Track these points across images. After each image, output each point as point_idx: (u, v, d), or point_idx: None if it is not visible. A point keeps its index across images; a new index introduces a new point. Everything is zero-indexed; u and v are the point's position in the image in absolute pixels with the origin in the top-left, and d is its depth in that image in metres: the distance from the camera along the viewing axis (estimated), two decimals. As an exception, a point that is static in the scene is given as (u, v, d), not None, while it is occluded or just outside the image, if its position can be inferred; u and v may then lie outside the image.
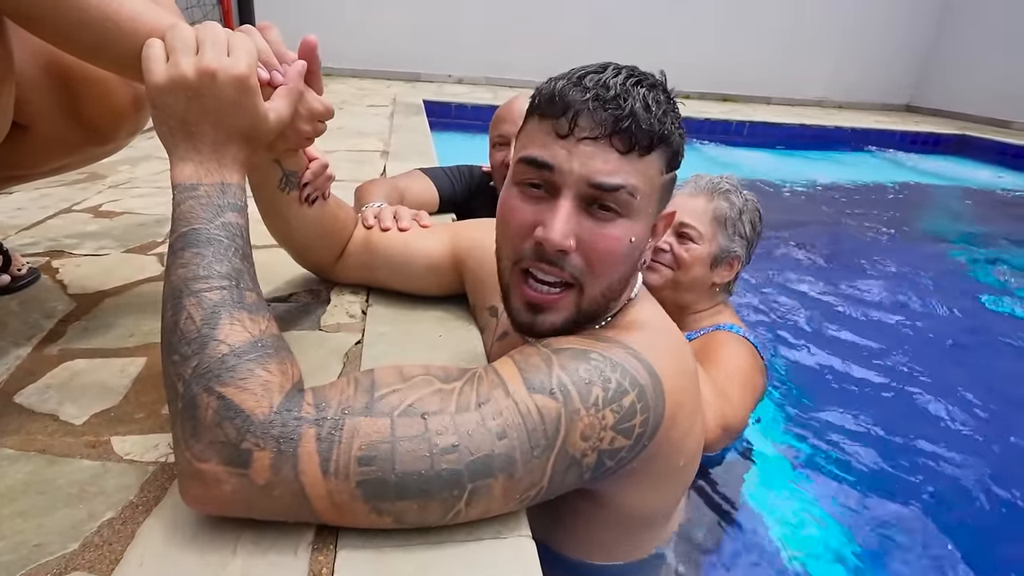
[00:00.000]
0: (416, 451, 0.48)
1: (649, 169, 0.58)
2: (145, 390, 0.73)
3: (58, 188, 1.54)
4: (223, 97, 0.54)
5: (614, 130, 0.56)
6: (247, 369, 0.47)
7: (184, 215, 0.53)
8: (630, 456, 0.57)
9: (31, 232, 1.23)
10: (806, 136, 5.00)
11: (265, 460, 0.45)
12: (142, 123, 0.86)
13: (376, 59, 5.55)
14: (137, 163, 1.89)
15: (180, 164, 0.55)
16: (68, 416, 0.67)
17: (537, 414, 0.52)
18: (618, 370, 0.56)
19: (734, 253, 1.25)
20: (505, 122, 1.46)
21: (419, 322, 0.92)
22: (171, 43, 0.53)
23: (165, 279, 0.52)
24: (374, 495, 0.47)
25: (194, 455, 0.46)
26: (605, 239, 0.58)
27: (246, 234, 0.56)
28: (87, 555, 0.50)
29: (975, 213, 3.60)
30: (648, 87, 0.58)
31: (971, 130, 5.58)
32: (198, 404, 0.46)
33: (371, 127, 2.89)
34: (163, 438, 0.64)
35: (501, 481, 0.50)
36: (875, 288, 2.20)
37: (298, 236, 0.88)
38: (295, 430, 0.46)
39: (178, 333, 0.49)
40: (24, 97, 0.71)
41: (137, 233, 1.27)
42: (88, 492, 0.56)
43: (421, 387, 0.52)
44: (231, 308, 0.50)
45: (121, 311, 0.92)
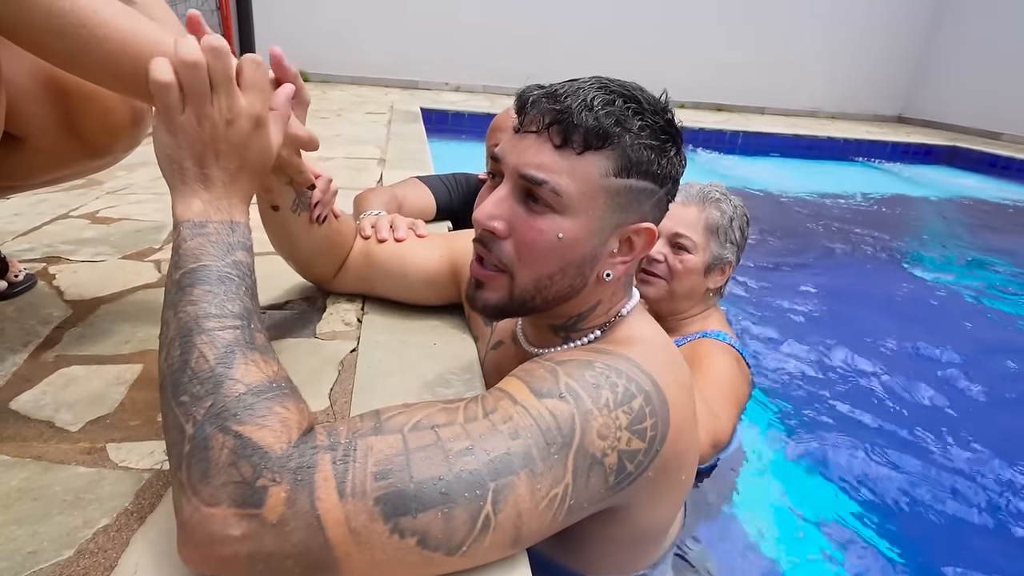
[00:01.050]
0: (431, 458, 0.46)
1: (586, 168, 0.58)
2: (141, 397, 0.73)
3: (55, 194, 1.54)
4: (238, 139, 0.54)
5: (551, 122, 0.58)
6: (266, 407, 0.46)
7: (192, 251, 0.52)
8: (647, 461, 0.57)
9: (28, 238, 1.24)
10: (799, 146, 5.05)
11: (280, 494, 0.42)
12: (139, 138, 0.86)
13: (374, 67, 5.58)
14: (135, 169, 1.89)
15: (187, 200, 0.54)
16: (64, 423, 0.67)
17: (549, 416, 0.51)
18: (623, 376, 0.57)
19: (726, 259, 1.27)
20: (500, 131, 1.47)
21: (414, 331, 0.93)
22: (189, 88, 0.52)
23: (170, 315, 0.50)
24: (394, 511, 0.44)
25: (202, 500, 0.42)
26: (530, 230, 0.60)
27: (253, 273, 0.56)
28: (82, 562, 0.50)
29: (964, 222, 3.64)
30: (608, 92, 0.58)
31: (962, 141, 5.65)
32: (211, 445, 0.43)
33: (368, 134, 2.90)
34: (158, 445, 0.65)
35: (524, 478, 0.48)
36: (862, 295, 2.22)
37: (304, 253, 0.89)
38: (311, 458, 0.44)
39: (188, 372, 0.46)
40: (21, 110, 0.71)
41: (134, 239, 1.27)
42: (83, 499, 0.56)
43: (426, 407, 0.52)
44: (245, 348, 0.49)
45: (117, 318, 0.92)
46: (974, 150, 5.32)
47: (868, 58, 6.79)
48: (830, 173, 4.65)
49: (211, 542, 0.42)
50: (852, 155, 5.18)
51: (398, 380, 0.78)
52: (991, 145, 5.55)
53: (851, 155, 5.18)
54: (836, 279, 2.41)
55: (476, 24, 5.68)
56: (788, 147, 5.01)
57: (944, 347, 1.81)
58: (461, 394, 0.77)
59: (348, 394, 0.75)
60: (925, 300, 2.30)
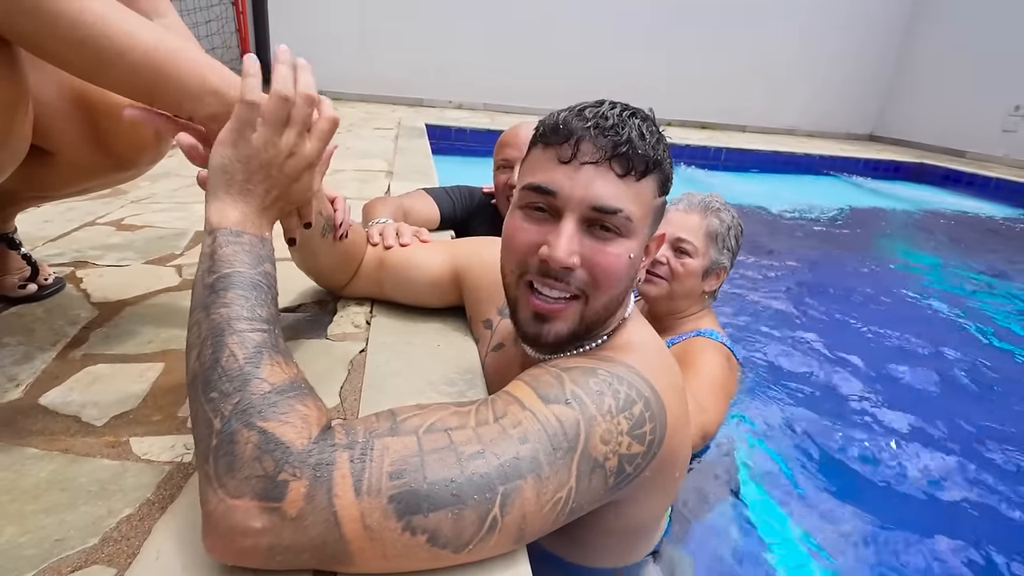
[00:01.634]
0: (444, 460, 0.46)
1: (644, 193, 0.60)
2: (163, 394, 0.73)
3: (83, 203, 1.54)
4: (289, 173, 0.58)
5: (613, 154, 0.57)
6: (288, 405, 0.46)
7: (227, 257, 0.53)
8: (644, 463, 0.57)
9: (57, 243, 1.23)
10: (778, 162, 5.07)
11: (300, 489, 0.42)
12: (163, 152, 0.86)
13: (383, 85, 5.59)
14: (157, 180, 1.89)
15: (226, 209, 0.56)
16: (90, 418, 0.67)
17: (556, 421, 0.51)
18: (624, 383, 0.57)
19: (722, 265, 1.30)
20: (508, 147, 1.48)
21: (419, 333, 0.93)
22: (270, 115, 0.55)
23: (202, 315, 0.51)
24: (407, 509, 0.44)
25: (228, 492, 0.42)
26: (607, 256, 0.60)
27: (276, 285, 0.58)
28: (106, 549, 0.50)
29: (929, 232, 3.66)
30: (641, 119, 0.60)
31: (928, 158, 5.68)
32: (237, 440, 0.44)
33: (376, 149, 2.91)
34: (179, 439, 0.64)
35: (531, 483, 0.48)
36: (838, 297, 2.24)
37: (325, 267, 0.90)
38: (331, 455, 0.44)
39: (218, 370, 0.47)
40: (51, 127, 0.71)
41: (157, 246, 1.27)
42: (108, 490, 0.56)
43: (439, 410, 0.52)
44: (271, 350, 0.50)
45: (141, 319, 0.92)
46: (940, 167, 5.35)
47: (841, 80, 6.84)
48: (807, 186, 4.67)
49: (234, 533, 0.42)
50: (827, 170, 5.21)
51: (404, 379, 0.78)
52: (955, 162, 5.58)
53: (826, 170, 5.20)
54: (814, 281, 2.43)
55: (477, 46, 5.71)
56: (768, 163, 5.03)
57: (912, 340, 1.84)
58: (464, 393, 0.77)
59: (357, 392, 0.75)
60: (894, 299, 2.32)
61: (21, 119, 0.61)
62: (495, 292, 0.83)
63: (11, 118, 0.59)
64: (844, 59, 6.74)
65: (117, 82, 0.57)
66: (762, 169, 4.95)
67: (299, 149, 0.58)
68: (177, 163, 2.18)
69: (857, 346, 1.79)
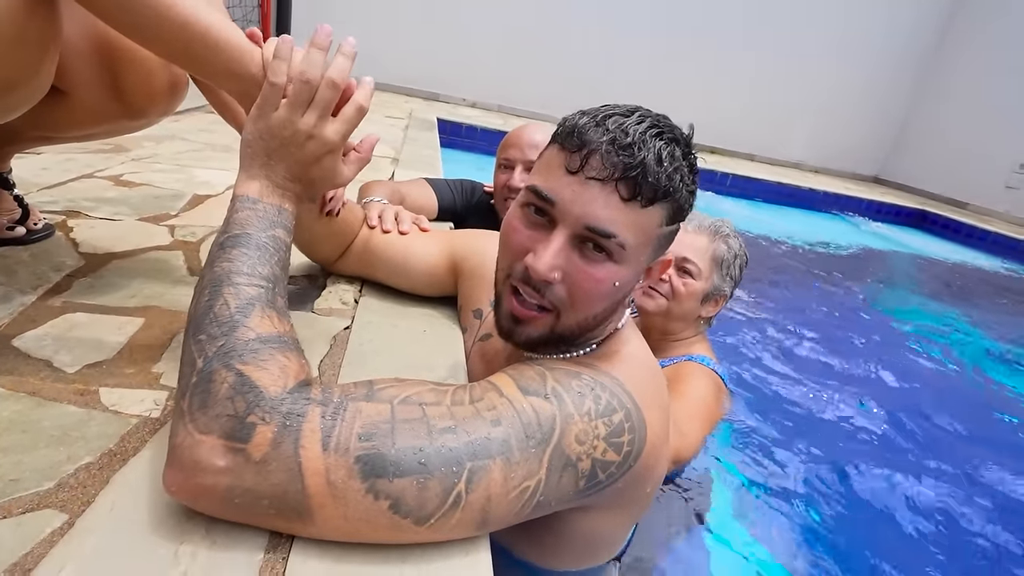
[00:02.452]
0: (415, 430, 0.46)
1: (647, 221, 0.57)
2: (139, 349, 0.72)
3: (83, 155, 1.52)
4: (309, 154, 0.59)
5: (621, 176, 0.54)
6: (268, 353, 0.47)
7: (240, 221, 0.56)
8: (619, 474, 0.56)
9: (52, 192, 1.22)
10: (783, 193, 5.10)
11: (267, 434, 0.43)
12: (175, 105, 0.86)
13: (398, 76, 5.59)
14: (161, 141, 1.88)
15: (249, 180, 0.59)
16: (61, 364, 0.66)
17: (532, 411, 0.51)
18: (607, 391, 0.57)
19: (723, 292, 1.28)
20: (512, 147, 1.47)
21: (407, 317, 0.92)
22: (293, 96, 0.57)
23: (207, 269, 0.53)
24: (372, 471, 0.44)
25: (197, 427, 0.43)
26: (589, 279, 0.57)
27: (288, 251, 0.59)
28: (61, 495, 0.48)
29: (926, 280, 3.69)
30: (667, 140, 0.56)
31: (931, 206, 5.73)
32: (214, 378, 0.45)
33: (385, 135, 2.90)
34: (150, 394, 0.63)
35: (499, 464, 0.47)
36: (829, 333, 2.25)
37: (307, 237, 0.89)
38: (303, 407, 0.45)
39: (211, 316, 0.49)
40: (67, 65, 0.71)
41: (153, 204, 1.25)
42: (70, 436, 0.55)
43: (417, 385, 0.52)
44: (264, 305, 0.51)
45: (127, 273, 0.91)
46: (941, 215, 5.39)
47: (851, 120, 6.90)
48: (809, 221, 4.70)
49: (195, 468, 0.43)
50: (830, 207, 5.24)
51: (385, 360, 0.77)
52: (957, 213, 5.63)
53: (829, 207, 5.24)
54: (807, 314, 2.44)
55: (496, 47, 5.72)
56: (773, 193, 5.06)
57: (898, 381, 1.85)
58: (444, 379, 0.76)
59: (337, 367, 0.74)
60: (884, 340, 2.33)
61: (51, 57, 0.61)
62: (489, 284, 0.82)
63: (43, 55, 0.60)
64: (857, 99, 6.80)
65: (154, 47, 0.58)
66: (766, 199, 4.98)
67: (319, 132, 0.58)
68: (183, 127, 2.17)
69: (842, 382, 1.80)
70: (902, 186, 6.98)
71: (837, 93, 6.70)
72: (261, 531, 0.47)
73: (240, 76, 0.60)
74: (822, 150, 7.00)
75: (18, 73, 0.59)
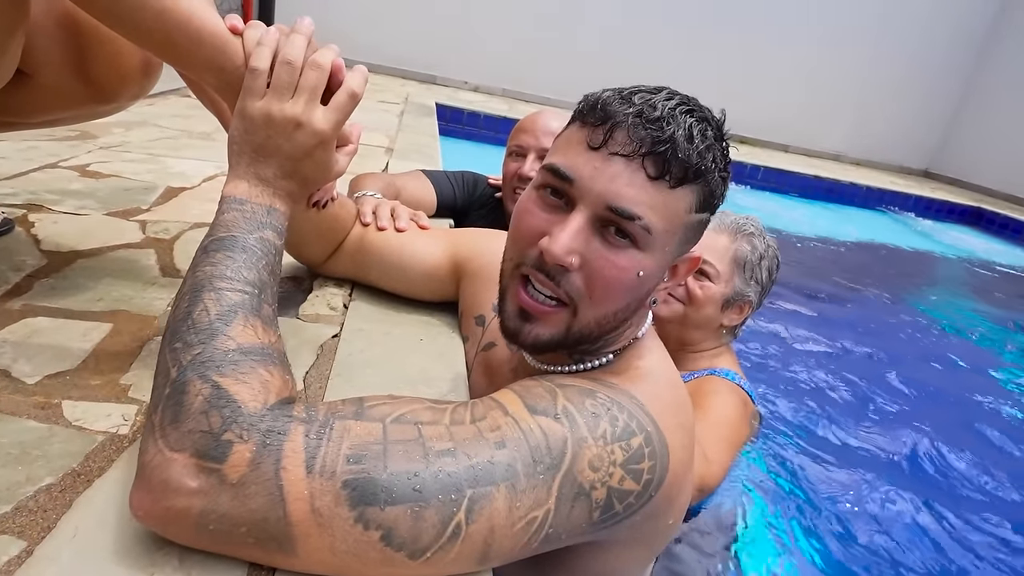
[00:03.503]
0: (410, 453, 0.45)
1: (676, 203, 0.56)
2: (106, 357, 0.72)
3: (47, 143, 1.54)
4: (299, 145, 0.59)
5: (649, 151, 0.54)
6: (249, 366, 0.47)
7: (226, 223, 0.56)
8: (637, 505, 0.55)
9: (12, 183, 1.23)
10: (820, 188, 5.09)
11: (245, 453, 0.42)
12: (148, 88, 0.86)
13: (393, 56, 5.61)
14: (132, 127, 1.89)
15: (236, 181, 0.59)
16: (20, 374, 0.66)
17: (540, 433, 0.50)
18: (624, 412, 0.56)
19: (747, 297, 1.26)
20: (525, 132, 1.48)
21: (402, 323, 0.92)
22: (275, 81, 0.57)
23: (187, 275, 0.54)
24: (361, 499, 0.43)
25: (168, 443, 0.42)
26: (611, 267, 0.56)
27: (280, 255, 0.59)
28: (19, 519, 0.48)
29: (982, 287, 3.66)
30: (698, 119, 0.56)
31: (987, 203, 5.69)
32: (188, 390, 0.44)
33: (379, 123, 2.92)
34: (117, 408, 0.63)
35: (503, 492, 0.46)
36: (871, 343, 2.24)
37: (294, 235, 0.89)
38: (284, 425, 0.44)
39: (188, 322, 0.49)
40: (32, 44, 0.71)
41: (122, 197, 1.26)
42: (30, 454, 0.55)
43: (412, 403, 0.51)
44: (248, 312, 0.51)
45: (93, 273, 0.92)
46: (999, 214, 5.36)
47: (899, 108, 6.87)
48: (850, 218, 4.68)
49: (166, 489, 0.42)
50: (874, 203, 5.22)
51: (378, 372, 0.77)
52: (1017, 210, 5.59)
53: (873, 203, 5.22)
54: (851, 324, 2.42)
55: (503, 27, 5.74)
56: (809, 188, 5.05)
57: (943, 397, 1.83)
58: (444, 395, 0.76)
59: (324, 379, 0.74)
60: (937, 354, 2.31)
61: (17, 40, 0.63)
62: (494, 287, 0.82)
63: (8, 37, 0.61)
64: (904, 84, 6.77)
65: (132, 35, 0.59)
66: (802, 194, 4.97)
67: (308, 119, 0.59)
68: (157, 112, 2.19)
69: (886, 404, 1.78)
70: (955, 180, 6.94)
71: (880, 78, 6.67)
72: (240, 561, 0.46)
73: (222, 68, 0.60)
74: (864, 141, 6.96)
75: None
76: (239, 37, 0.61)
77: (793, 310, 2.42)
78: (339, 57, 0.62)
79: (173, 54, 0.60)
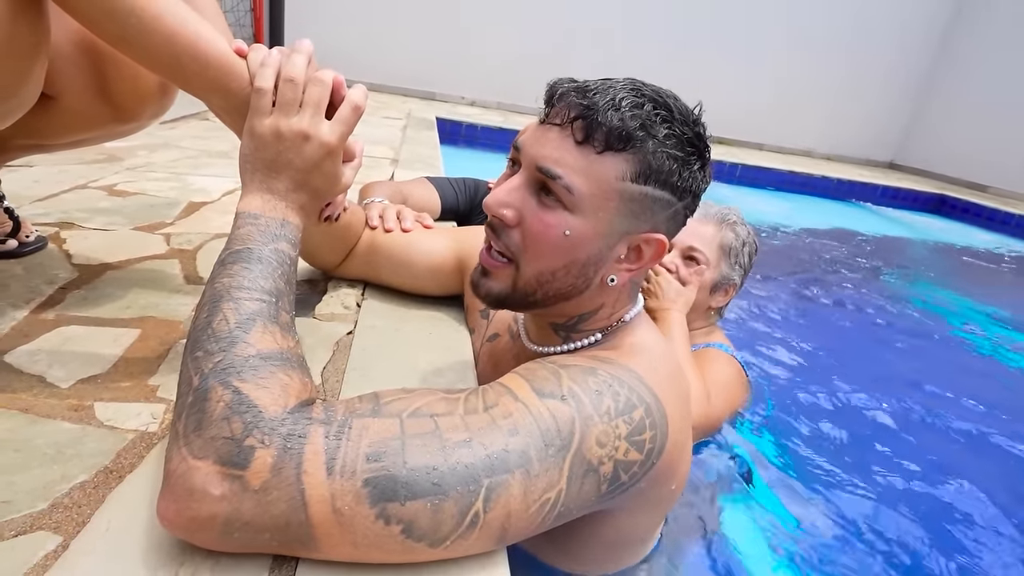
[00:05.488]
0: (428, 446, 0.44)
1: (603, 168, 0.55)
2: (135, 361, 0.71)
3: (76, 166, 1.52)
4: (308, 158, 0.58)
5: (576, 117, 0.55)
6: (269, 371, 0.45)
7: (241, 237, 0.55)
8: (641, 473, 0.54)
9: (45, 203, 1.22)
10: (794, 182, 5.04)
11: (267, 459, 0.40)
12: (166, 106, 0.85)
13: (395, 76, 5.60)
14: (155, 149, 1.88)
15: (250, 196, 0.58)
16: (55, 379, 0.65)
17: (550, 416, 0.49)
18: (625, 386, 0.55)
19: (732, 281, 1.27)
20: None
21: (411, 319, 0.90)
22: (280, 98, 0.56)
23: (206, 287, 0.52)
24: (382, 495, 0.41)
25: (192, 451, 0.41)
26: (539, 222, 0.57)
27: (294, 265, 0.57)
28: (55, 515, 0.47)
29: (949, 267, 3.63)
30: (638, 94, 0.55)
31: (950, 191, 5.66)
32: (210, 397, 0.43)
33: (384, 137, 2.90)
34: (146, 408, 0.62)
35: (518, 478, 0.45)
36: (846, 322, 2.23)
37: (309, 244, 0.88)
38: (304, 428, 0.42)
39: (208, 331, 0.47)
40: (55, 69, 0.70)
41: (147, 213, 1.25)
42: (64, 454, 0.54)
43: (426, 395, 0.50)
44: (266, 319, 0.49)
45: (122, 284, 0.90)
46: (961, 199, 5.32)
47: (864, 105, 6.83)
48: (823, 209, 4.65)
49: (190, 497, 0.40)
50: (844, 195, 5.18)
51: (390, 365, 0.76)
52: (977, 196, 5.55)
53: (843, 194, 5.18)
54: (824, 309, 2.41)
55: (495, 44, 5.72)
56: (784, 182, 5.01)
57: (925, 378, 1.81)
58: (453, 384, 0.74)
59: (340, 374, 0.73)
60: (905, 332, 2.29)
61: (41, 64, 0.61)
62: None
63: (31, 63, 0.59)
64: (868, 83, 6.73)
65: (142, 59, 0.58)
66: (778, 188, 4.94)
67: (315, 131, 0.57)
68: (177, 135, 2.17)
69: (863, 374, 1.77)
70: (919, 171, 6.90)
71: (848, 77, 6.63)
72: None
73: (228, 90, 0.59)
74: (833, 137, 6.93)
75: (8, 82, 0.58)
76: (243, 60, 0.59)
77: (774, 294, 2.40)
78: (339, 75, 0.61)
79: (182, 77, 0.58)
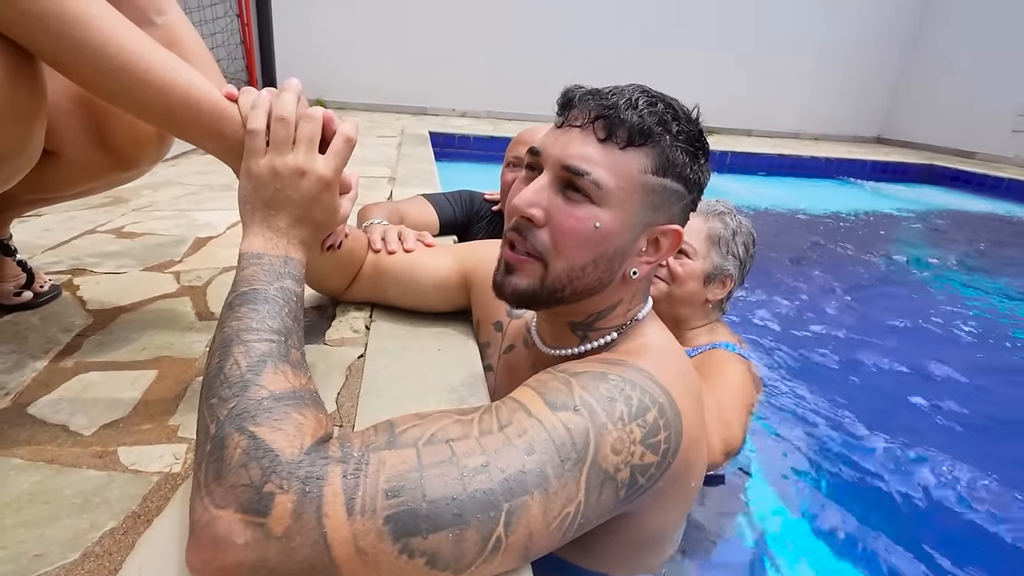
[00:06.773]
0: (446, 475, 0.43)
1: (627, 162, 0.57)
2: (154, 402, 0.71)
3: (84, 211, 1.53)
4: (306, 193, 0.58)
5: (597, 116, 0.57)
6: (283, 412, 0.44)
7: (246, 278, 0.55)
8: (658, 474, 0.54)
9: (56, 251, 1.22)
10: (784, 166, 5.02)
11: (287, 504, 0.39)
12: (164, 151, 0.85)
13: (387, 94, 5.62)
14: (159, 188, 1.89)
15: (252, 237, 0.58)
16: (78, 427, 0.65)
17: (564, 430, 0.49)
18: (637, 388, 0.54)
19: (727, 271, 1.24)
20: (521, 144, 1.46)
21: (420, 337, 0.90)
22: (273, 137, 0.57)
23: (216, 332, 0.52)
24: (404, 531, 0.41)
25: (214, 501, 0.40)
26: (569, 218, 0.58)
27: (301, 301, 0.57)
28: (87, 565, 0.47)
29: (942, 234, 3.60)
30: (649, 96, 0.59)
31: (938, 160, 5.61)
32: (227, 444, 0.42)
33: (380, 156, 2.91)
34: (168, 448, 0.62)
35: (537, 498, 0.45)
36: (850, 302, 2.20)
37: (315, 274, 0.88)
38: (322, 469, 0.41)
39: (221, 377, 0.47)
40: (54, 125, 0.70)
41: (156, 252, 1.25)
42: (92, 502, 0.54)
43: (440, 419, 0.49)
44: (277, 360, 0.49)
45: (136, 325, 0.90)
46: (949, 168, 5.29)
47: (846, 82, 6.80)
48: (814, 190, 4.63)
49: (216, 548, 0.39)
50: (834, 173, 5.15)
51: (403, 385, 0.76)
52: (965, 163, 5.51)
53: (833, 173, 5.15)
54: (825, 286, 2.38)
55: (480, 55, 5.73)
56: (774, 166, 4.99)
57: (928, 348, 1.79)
58: (465, 399, 0.74)
59: (355, 398, 0.73)
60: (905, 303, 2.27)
61: (40, 125, 0.61)
62: None
63: (31, 125, 0.59)
64: (848, 60, 6.71)
65: (135, 112, 0.58)
66: (769, 173, 4.92)
67: (310, 166, 0.57)
68: (179, 171, 2.18)
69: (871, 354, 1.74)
70: (906, 143, 6.86)
71: (827, 56, 6.61)
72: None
73: (222, 134, 0.59)
74: (819, 116, 6.90)
75: (9, 146, 0.58)
76: (235, 103, 0.59)
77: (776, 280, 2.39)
78: (329, 111, 0.61)
79: (176, 126, 0.58)
